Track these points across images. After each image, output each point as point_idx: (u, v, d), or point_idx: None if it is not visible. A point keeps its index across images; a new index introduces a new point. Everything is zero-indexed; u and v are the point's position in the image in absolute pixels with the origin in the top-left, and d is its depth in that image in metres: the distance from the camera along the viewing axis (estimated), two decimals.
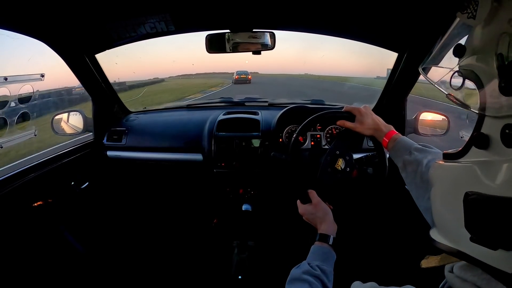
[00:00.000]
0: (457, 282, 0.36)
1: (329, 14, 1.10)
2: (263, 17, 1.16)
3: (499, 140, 0.31)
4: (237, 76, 16.30)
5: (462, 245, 0.35)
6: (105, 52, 1.31)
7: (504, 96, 0.30)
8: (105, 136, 1.46)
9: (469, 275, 0.35)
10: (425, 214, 0.64)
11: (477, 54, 0.34)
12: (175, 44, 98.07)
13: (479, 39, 0.34)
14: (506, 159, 0.30)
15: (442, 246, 0.38)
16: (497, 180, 0.30)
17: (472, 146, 0.34)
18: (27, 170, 1.11)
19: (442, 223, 0.39)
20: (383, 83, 1.46)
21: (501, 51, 0.30)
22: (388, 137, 0.78)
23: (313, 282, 0.64)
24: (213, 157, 1.34)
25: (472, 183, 0.33)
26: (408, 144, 0.73)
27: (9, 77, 1.03)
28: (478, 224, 0.32)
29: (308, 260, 0.71)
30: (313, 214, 0.81)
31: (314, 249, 0.74)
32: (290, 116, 1.30)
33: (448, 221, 0.37)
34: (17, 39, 1.03)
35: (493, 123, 0.32)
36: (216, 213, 1.69)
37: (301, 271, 0.67)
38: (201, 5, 1.05)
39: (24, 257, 1.10)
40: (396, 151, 0.74)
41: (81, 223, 1.41)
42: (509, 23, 0.30)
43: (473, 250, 0.33)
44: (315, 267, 0.67)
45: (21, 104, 1.10)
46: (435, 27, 1.01)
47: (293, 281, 0.67)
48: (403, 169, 0.71)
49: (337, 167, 0.93)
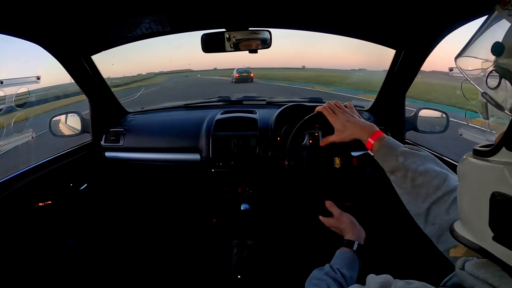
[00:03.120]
0: (469, 279, 0.36)
1: (325, 12, 1.09)
2: (259, 15, 1.15)
3: None
4: (237, 75, 14.87)
5: (485, 242, 0.35)
6: (101, 53, 1.31)
7: None
8: (103, 137, 1.47)
9: (481, 272, 0.35)
10: (417, 219, 0.63)
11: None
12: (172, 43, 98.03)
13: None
14: None
15: (464, 240, 0.38)
16: None
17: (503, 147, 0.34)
18: (25, 172, 1.12)
19: (467, 219, 0.39)
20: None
21: None
22: (374, 138, 0.72)
23: (332, 283, 0.65)
24: (211, 157, 1.34)
25: (500, 184, 0.33)
26: (394, 146, 0.69)
27: (4, 80, 1.03)
28: (502, 224, 0.32)
29: (332, 263, 0.73)
30: (338, 228, 0.83)
31: (338, 253, 0.75)
32: (288, 114, 1.30)
33: (473, 217, 0.37)
34: (12, 42, 1.03)
35: None
36: (215, 212, 1.69)
37: (323, 272, 0.69)
38: (196, 5, 1.04)
39: (23, 259, 1.10)
40: (382, 154, 0.69)
41: (80, 225, 1.42)
42: None
43: (495, 249, 0.33)
44: (336, 270, 0.69)
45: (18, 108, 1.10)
46: (433, 23, 1.00)
47: (313, 280, 0.69)
48: (391, 174, 0.68)
49: (335, 165, 0.93)
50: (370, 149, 0.73)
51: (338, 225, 0.82)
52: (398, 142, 0.71)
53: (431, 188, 0.60)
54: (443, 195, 0.59)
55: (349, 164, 0.93)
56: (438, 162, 0.66)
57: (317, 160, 0.96)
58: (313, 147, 1.17)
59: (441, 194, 0.59)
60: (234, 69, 15.35)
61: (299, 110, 1.29)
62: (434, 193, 0.60)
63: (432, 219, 0.59)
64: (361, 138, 0.75)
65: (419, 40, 1.12)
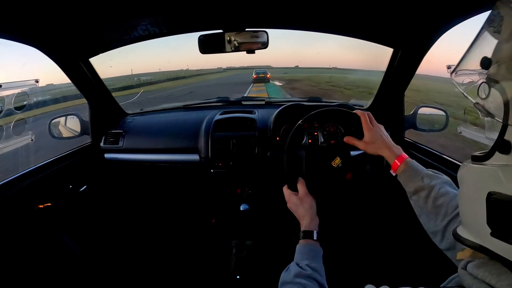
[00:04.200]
0: (468, 279, 0.38)
1: (322, 11, 1.09)
2: (256, 16, 1.15)
3: None
4: (255, 75, 16.95)
5: (484, 240, 0.38)
6: (99, 55, 1.32)
7: None
8: (102, 139, 1.47)
9: (480, 271, 0.37)
10: (434, 237, 0.65)
11: (502, 65, 0.36)
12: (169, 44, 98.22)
13: (504, 52, 0.37)
14: None
15: (467, 242, 0.41)
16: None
17: (496, 151, 0.37)
18: (25, 174, 1.13)
19: (467, 220, 0.43)
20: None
21: None
22: (400, 160, 0.75)
23: (307, 284, 0.62)
24: (210, 157, 1.34)
25: (495, 184, 0.36)
26: (419, 168, 0.73)
27: (3, 84, 1.04)
28: (498, 220, 0.36)
29: (296, 260, 0.69)
30: (297, 205, 0.80)
31: (300, 248, 0.72)
32: (287, 114, 1.29)
33: (473, 218, 0.41)
34: (10, 46, 1.04)
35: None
36: (214, 213, 1.70)
37: (292, 275, 0.65)
38: (193, 6, 1.04)
39: (23, 261, 1.11)
40: (408, 175, 0.72)
41: (79, 226, 1.43)
42: None
43: (494, 245, 0.36)
44: (305, 266, 0.66)
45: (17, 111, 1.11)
46: (430, 21, 1.00)
47: (285, 285, 0.65)
48: (414, 194, 0.70)
49: (334, 164, 0.93)
50: (395, 170, 0.76)
51: (297, 205, 0.80)
52: (421, 165, 0.74)
53: (450, 207, 0.63)
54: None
55: (349, 164, 0.93)
56: (454, 186, 0.69)
57: (316, 160, 0.95)
58: (312, 147, 1.17)
59: (458, 212, 0.61)
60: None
61: (298, 109, 1.29)
62: (453, 212, 0.62)
63: (448, 235, 0.62)
64: (387, 157, 0.78)
65: (416, 39, 1.11)
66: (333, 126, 1.26)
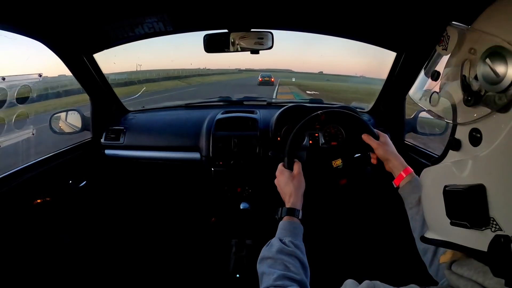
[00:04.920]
0: (454, 278, 0.39)
1: (327, 14, 1.10)
2: (261, 17, 1.16)
3: (468, 141, 0.39)
4: (261, 79, 18.59)
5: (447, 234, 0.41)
6: (103, 51, 1.31)
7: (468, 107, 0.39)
8: (103, 135, 1.47)
9: (465, 269, 0.38)
10: (423, 255, 0.67)
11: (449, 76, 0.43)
12: (174, 43, 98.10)
13: (450, 65, 0.43)
14: (472, 155, 0.38)
15: (432, 241, 0.44)
16: (464, 173, 0.38)
17: (449, 150, 0.42)
18: (24, 169, 1.12)
19: (430, 220, 0.46)
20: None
21: (464, 73, 0.39)
22: (406, 172, 0.78)
23: (289, 261, 0.61)
24: (211, 156, 1.34)
25: (449, 178, 0.40)
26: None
27: (6, 77, 1.04)
28: (454, 208, 0.39)
29: (279, 236, 0.68)
30: (287, 182, 0.79)
31: (284, 224, 0.71)
32: (289, 115, 1.30)
33: (434, 215, 0.44)
34: (14, 39, 1.04)
35: (462, 129, 0.41)
36: (214, 211, 1.69)
37: (274, 250, 0.63)
38: (199, 5, 1.05)
39: (22, 256, 1.10)
40: (413, 186, 0.75)
41: (78, 222, 1.42)
42: (469, 51, 0.39)
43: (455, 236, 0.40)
44: (289, 243, 0.65)
45: (20, 104, 1.11)
46: (434, 26, 1.01)
47: (265, 260, 0.63)
48: (415, 205, 0.72)
49: (334, 164, 0.94)
50: (398, 181, 0.79)
51: (287, 181, 0.79)
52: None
53: None
54: None
55: (350, 166, 0.94)
56: None
57: (316, 161, 0.96)
58: (313, 148, 1.18)
59: None
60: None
61: (299, 110, 1.30)
62: None
63: (439, 254, 0.63)
64: (394, 166, 0.82)
65: (420, 43, 1.13)
66: (334, 128, 1.27)
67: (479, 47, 0.38)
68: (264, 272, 0.61)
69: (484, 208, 0.35)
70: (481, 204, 0.35)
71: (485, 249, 0.35)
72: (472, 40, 0.39)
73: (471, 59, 0.39)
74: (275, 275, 0.58)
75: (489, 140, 0.36)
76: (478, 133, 0.38)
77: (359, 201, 1.57)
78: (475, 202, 0.36)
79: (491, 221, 0.35)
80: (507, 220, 0.34)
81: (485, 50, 0.36)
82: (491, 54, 0.36)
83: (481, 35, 0.38)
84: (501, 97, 0.35)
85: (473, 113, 0.38)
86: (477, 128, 0.38)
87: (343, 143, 1.17)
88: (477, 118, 0.38)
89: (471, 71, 0.38)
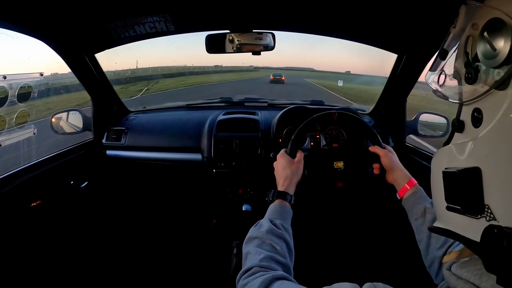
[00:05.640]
0: (453, 279, 0.38)
1: (329, 15, 1.10)
2: (263, 17, 1.16)
3: (470, 122, 0.38)
4: (272, 77, 19.87)
5: (445, 222, 0.40)
6: (105, 51, 1.31)
7: (469, 85, 0.37)
8: (104, 136, 1.46)
9: (463, 271, 0.37)
10: (429, 267, 0.65)
11: (454, 54, 0.42)
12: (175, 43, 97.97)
13: (456, 42, 0.42)
14: (473, 137, 0.36)
15: (436, 229, 0.43)
16: (463, 155, 0.37)
17: (455, 132, 0.41)
18: (26, 169, 1.11)
19: (435, 205, 0.44)
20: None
21: (467, 50, 0.38)
22: (411, 184, 0.77)
23: (277, 243, 0.61)
24: (212, 157, 1.34)
25: (450, 161, 0.39)
26: (426, 195, 0.74)
27: (8, 76, 1.04)
28: (450, 192, 0.38)
29: (270, 217, 0.69)
30: (285, 166, 0.80)
31: (276, 207, 0.71)
32: (290, 116, 1.30)
33: (436, 200, 0.43)
34: (16, 38, 1.04)
35: (466, 109, 0.39)
36: (215, 213, 1.69)
37: (264, 230, 0.63)
38: (201, 6, 1.05)
39: (22, 256, 1.09)
40: (418, 197, 0.74)
41: (79, 222, 1.41)
42: (472, 27, 0.38)
43: (453, 225, 0.39)
44: (279, 224, 0.65)
45: (20, 103, 1.10)
46: (435, 28, 1.02)
47: (253, 240, 0.63)
48: (420, 216, 0.70)
49: (335, 165, 0.94)
50: (402, 195, 0.77)
51: (286, 166, 0.80)
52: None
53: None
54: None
55: (352, 167, 0.94)
56: None
57: (317, 163, 0.96)
58: (314, 150, 1.17)
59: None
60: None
61: (301, 112, 1.30)
62: (454, 242, 0.63)
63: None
64: (398, 177, 0.80)
65: (421, 45, 1.13)
66: (335, 130, 1.27)
67: (480, 21, 0.36)
68: (250, 252, 0.60)
69: (479, 194, 0.33)
70: (475, 188, 0.34)
71: (478, 239, 0.33)
72: (477, 16, 0.37)
73: (473, 34, 0.37)
74: (261, 255, 0.57)
75: (488, 120, 0.34)
76: (479, 113, 0.36)
77: (357, 204, 1.57)
78: (469, 185, 0.34)
79: (486, 208, 0.33)
80: (501, 208, 0.32)
81: (484, 24, 0.35)
82: (489, 27, 0.34)
83: (483, 9, 0.36)
84: (499, 72, 0.33)
85: (474, 91, 0.36)
86: (478, 107, 0.36)
87: (344, 146, 1.17)
88: (477, 96, 0.36)
89: (472, 47, 0.37)
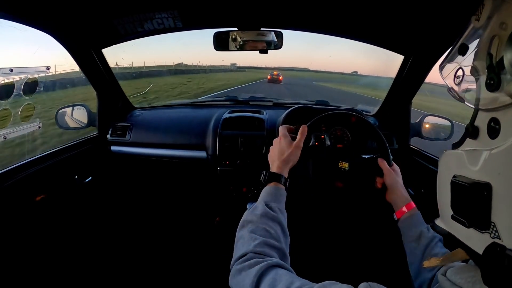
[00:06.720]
0: (447, 285, 0.38)
1: (336, 15, 1.11)
2: (271, 16, 1.16)
3: (486, 131, 0.35)
4: (269, 77, 20.40)
5: (450, 226, 0.39)
6: (112, 47, 1.31)
7: (490, 92, 0.33)
8: (109, 131, 1.46)
9: (458, 278, 0.37)
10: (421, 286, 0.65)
11: (476, 53, 0.37)
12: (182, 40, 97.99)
13: (479, 39, 0.37)
14: (487, 148, 0.33)
15: (438, 229, 0.42)
16: (475, 166, 0.34)
17: (467, 137, 0.39)
18: (30, 163, 1.11)
19: (439, 205, 0.43)
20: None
21: (492, 51, 0.34)
22: (409, 207, 0.76)
23: (271, 226, 0.60)
24: (217, 155, 1.34)
25: (459, 168, 0.37)
26: (422, 220, 0.73)
27: (14, 69, 1.03)
28: (457, 203, 0.37)
29: (265, 200, 0.67)
30: (284, 148, 0.78)
31: (270, 189, 0.70)
32: (296, 116, 1.30)
33: (441, 202, 0.42)
34: (24, 31, 1.03)
35: (482, 116, 0.36)
36: (219, 211, 1.68)
37: (259, 214, 0.62)
38: (209, 3, 1.05)
39: (26, 251, 1.09)
40: (415, 220, 0.73)
41: (82, 217, 1.40)
42: (500, 26, 0.33)
43: (457, 232, 0.37)
44: (274, 207, 0.64)
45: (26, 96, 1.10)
46: (443, 30, 1.02)
47: (247, 224, 0.62)
48: (415, 240, 0.69)
49: (339, 165, 0.95)
50: (399, 216, 0.76)
51: (284, 148, 0.78)
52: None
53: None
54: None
55: (356, 171, 0.94)
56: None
57: (322, 162, 0.97)
58: (319, 149, 1.17)
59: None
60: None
61: (306, 112, 1.30)
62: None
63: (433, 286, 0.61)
64: (398, 197, 0.79)
65: (428, 47, 1.13)
66: (340, 130, 1.27)
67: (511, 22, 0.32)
68: (243, 236, 0.60)
69: (487, 210, 0.32)
70: (483, 205, 0.32)
71: (481, 252, 0.33)
72: (506, 14, 0.33)
73: (501, 35, 0.33)
74: (256, 241, 0.56)
75: (506, 135, 0.32)
76: (497, 124, 0.33)
77: (355, 205, 1.57)
78: (477, 201, 0.33)
79: (492, 226, 0.32)
80: (507, 230, 0.31)
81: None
82: None
83: None
84: None
85: (494, 100, 0.33)
86: (497, 118, 0.33)
87: (348, 146, 1.17)
88: (497, 106, 0.33)
89: (498, 50, 0.33)
